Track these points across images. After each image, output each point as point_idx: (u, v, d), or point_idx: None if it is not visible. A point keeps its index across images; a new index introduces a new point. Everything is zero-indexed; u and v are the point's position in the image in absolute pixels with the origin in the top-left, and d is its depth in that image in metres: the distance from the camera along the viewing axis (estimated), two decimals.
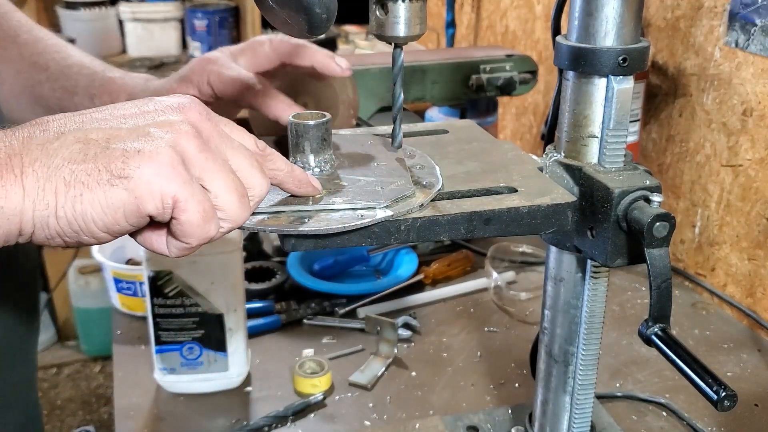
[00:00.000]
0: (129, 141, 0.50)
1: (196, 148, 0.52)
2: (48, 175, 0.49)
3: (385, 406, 1.02)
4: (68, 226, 0.50)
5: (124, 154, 0.49)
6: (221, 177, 0.53)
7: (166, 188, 0.50)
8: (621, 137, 0.68)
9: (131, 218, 0.50)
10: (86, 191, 0.49)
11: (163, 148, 0.50)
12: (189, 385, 1.04)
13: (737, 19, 1.17)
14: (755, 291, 1.22)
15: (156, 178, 0.49)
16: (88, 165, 0.49)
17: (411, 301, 1.27)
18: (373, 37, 1.08)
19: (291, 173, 0.61)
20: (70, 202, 0.49)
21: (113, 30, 3.35)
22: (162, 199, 0.50)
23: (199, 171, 0.52)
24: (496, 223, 0.63)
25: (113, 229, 0.50)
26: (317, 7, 0.59)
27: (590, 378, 0.78)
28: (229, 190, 0.53)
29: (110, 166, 0.49)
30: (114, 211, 0.49)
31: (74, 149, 0.49)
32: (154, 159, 0.50)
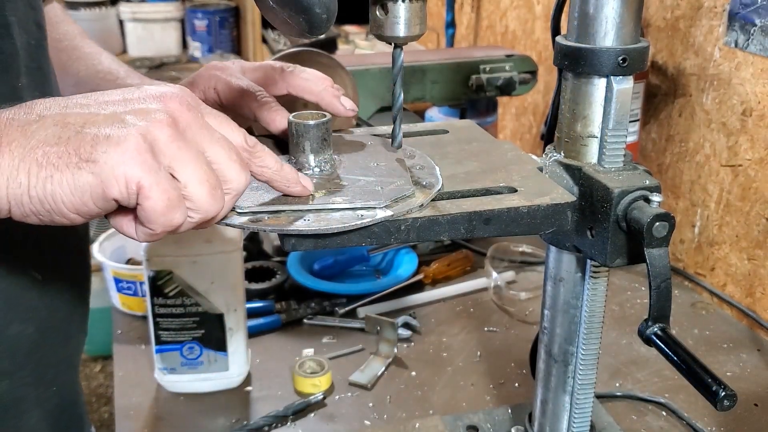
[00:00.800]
0: (103, 126, 0.52)
1: (168, 137, 0.53)
2: (23, 155, 0.51)
3: (385, 405, 1.02)
4: (40, 205, 0.51)
5: (94, 139, 0.51)
6: (192, 167, 0.53)
7: (130, 174, 0.51)
8: (620, 137, 0.68)
9: (98, 201, 0.51)
10: (56, 173, 0.50)
11: (132, 135, 0.51)
12: (189, 384, 1.04)
13: (737, 19, 1.17)
14: (755, 291, 1.22)
15: (121, 165, 0.50)
16: (60, 148, 0.51)
17: (411, 301, 1.27)
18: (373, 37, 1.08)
19: (279, 171, 0.61)
20: (41, 182, 0.51)
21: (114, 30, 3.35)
22: (126, 184, 0.51)
23: (168, 160, 0.53)
24: (496, 223, 0.63)
25: (82, 210, 0.52)
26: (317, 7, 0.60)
27: (590, 378, 0.78)
28: (200, 181, 0.53)
29: (79, 150, 0.51)
30: (81, 193, 0.51)
31: (50, 132, 0.51)
32: (121, 145, 0.51)
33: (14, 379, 0.79)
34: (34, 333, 0.80)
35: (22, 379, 0.79)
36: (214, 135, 0.56)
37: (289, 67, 0.81)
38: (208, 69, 0.84)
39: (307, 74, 0.80)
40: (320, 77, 0.80)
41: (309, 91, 0.78)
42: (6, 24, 0.72)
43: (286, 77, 0.80)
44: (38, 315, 0.80)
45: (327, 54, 1.13)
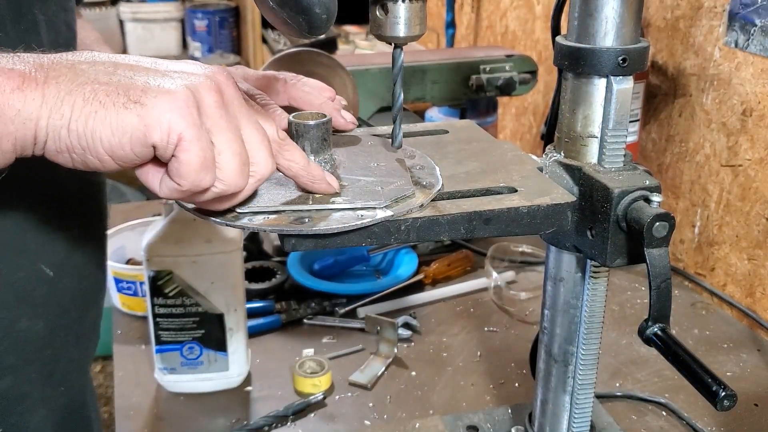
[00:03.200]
0: (153, 77, 0.53)
1: (214, 101, 0.54)
2: (70, 89, 0.51)
3: (385, 405, 1.02)
4: (77, 141, 0.52)
5: (145, 85, 0.52)
6: (229, 138, 0.54)
7: (174, 123, 0.51)
8: (620, 137, 0.68)
9: (136, 146, 0.52)
10: (101, 109, 0.51)
11: (182, 89, 0.53)
12: (189, 384, 1.04)
13: (737, 20, 1.17)
14: (755, 291, 1.22)
15: (168, 112, 0.51)
16: (110, 87, 0.52)
17: (411, 301, 1.27)
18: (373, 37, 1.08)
19: (306, 167, 0.62)
20: (84, 116, 0.51)
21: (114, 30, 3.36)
22: (169, 132, 0.52)
23: (210, 123, 0.54)
24: (496, 223, 0.63)
25: (118, 153, 0.52)
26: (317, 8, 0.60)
27: (590, 378, 0.78)
28: (233, 152, 0.54)
29: (129, 91, 0.51)
30: (122, 134, 0.51)
31: (101, 71, 0.53)
32: (171, 95, 0.52)
33: (20, 375, 0.79)
34: (44, 330, 0.80)
35: (27, 375, 0.79)
36: (251, 117, 0.57)
37: (292, 78, 0.81)
38: None
39: (308, 86, 0.80)
40: (321, 88, 0.80)
41: (309, 104, 0.79)
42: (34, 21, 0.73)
43: (288, 89, 0.80)
44: (48, 312, 0.80)
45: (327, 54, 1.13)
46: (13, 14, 0.71)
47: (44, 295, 0.79)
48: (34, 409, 0.81)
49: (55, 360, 0.83)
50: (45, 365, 0.81)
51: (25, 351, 0.78)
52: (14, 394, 0.79)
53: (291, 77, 0.82)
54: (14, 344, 0.77)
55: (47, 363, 0.81)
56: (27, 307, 0.77)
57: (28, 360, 0.79)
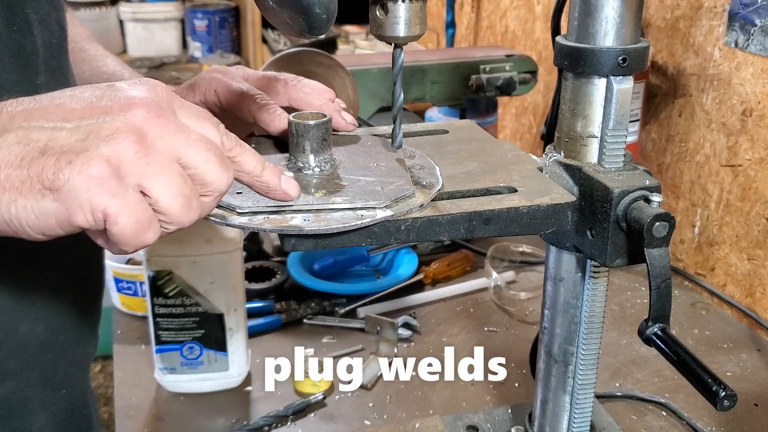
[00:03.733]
0: (66, 147, 0.50)
1: (135, 154, 0.51)
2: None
3: (385, 405, 1.02)
4: (6, 225, 0.51)
5: (56, 165, 0.49)
6: (163, 181, 0.51)
7: (95, 202, 0.49)
8: (620, 137, 0.68)
9: (64, 227, 0.50)
10: (20, 198, 0.49)
11: (95, 160, 0.49)
12: (189, 384, 1.04)
13: (737, 20, 1.17)
14: (755, 291, 1.22)
15: (84, 193, 0.49)
16: (22, 171, 0.49)
17: (411, 300, 1.27)
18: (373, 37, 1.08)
19: (260, 177, 0.59)
20: (5, 205, 0.50)
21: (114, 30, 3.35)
22: (92, 212, 0.49)
23: (137, 178, 0.51)
24: (496, 223, 0.63)
25: (49, 233, 0.51)
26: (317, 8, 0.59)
27: (590, 378, 0.78)
28: (173, 194, 0.52)
29: (41, 175, 0.49)
30: (46, 218, 0.50)
31: (13, 151, 0.50)
32: (84, 172, 0.49)
33: (21, 380, 0.78)
34: (44, 333, 0.79)
35: (29, 379, 0.79)
36: (189, 136, 0.53)
37: (292, 79, 0.81)
38: (209, 72, 0.83)
39: (309, 88, 0.80)
40: (321, 90, 0.80)
41: (309, 105, 0.78)
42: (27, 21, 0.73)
43: (288, 89, 0.80)
44: (49, 315, 0.80)
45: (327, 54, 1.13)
46: (5, 14, 0.70)
47: (44, 299, 0.79)
48: (35, 413, 0.81)
49: (56, 363, 0.82)
50: (46, 369, 0.81)
51: (26, 355, 0.78)
52: (16, 399, 0.78)
53: (291, 78, 0.82)
54: (15, 349, 0.77)
55: (48, 366, 0.81)
56: (27, 311, 0.77)
57: (29, 364, 0.79)
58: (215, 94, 0.81)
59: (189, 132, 0.54)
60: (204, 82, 0.82)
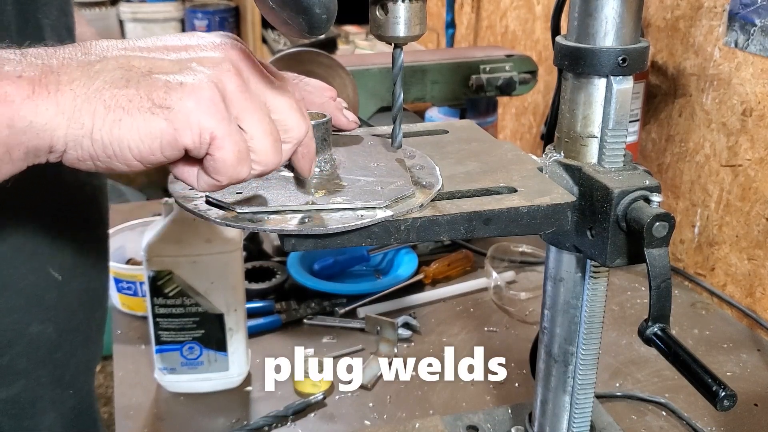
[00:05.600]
0: (172, 73, 0.51)
1: (236, 87, 0.52)
2: (87, 95, 0.49)
3: (385, 405, 1.02)
4: (102, 150, 0.50)
5: (167, 85, 0.50)
6: (258, 119, 0.53)
7: (205, 123, 0.50)
8: (620, 137, 0.68)
9: (167, 150, 0.50)
10: (126, 117, 0.49)
11: (205, 83, 0.51)
12: (189, 384, 1.04)
13: (737, 20, 1.17)
14: (755, 291, 1.22)
15: (196, 112, 0.50)
16: (130, 90, 0.49)
17: (411, 301, 1.27)
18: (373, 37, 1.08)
19: None
20: (108, 125, 0.49)
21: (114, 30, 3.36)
22: (200, 133, 0.50)
23: (237, 110, 0.52)
24: (496, 223, 0.63)
25: (148, 158, 0.50)
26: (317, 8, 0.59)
27: (590, 378, 0.78)
28: (264, 133, 0.53)
29: (152, 94, 0.49)
30: (152, 140, 0.49)
31: (116, 74, 0.50)
32: (196, 93, 0.50)
33: (31, 379, 0.79)
34: (53, 333, 0.80)
35: (39, 379, 0.79)
36: (273, 84, 0.56)
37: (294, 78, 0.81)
38: None
39: (310, 86, 0.80)
40: (323, 88, 0.80)
41: (311, 103, 0.79)
42: (39, 26, 0.73)
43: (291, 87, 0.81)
44: (58, 316, 0.80)
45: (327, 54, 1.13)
46: (18, 20, 0.70)
47: (54, 299, 0.79)
48: (45, 412, 0.81)
49: (65, 363, 0.83)
50: (56, 368, 0.81)
51: (37, 355, 0.78)
52: (26, 398, 0.79)
53: (293, 77, 0.82)
54: (26, 349, 0.77)
55: (58, 366, 0.82)
56: (37, 312, 0.77)
57: (39, 364, 0.79)
58: None
59: (272, 80, 0.56)
60: None
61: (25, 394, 0.78)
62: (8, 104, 0.48)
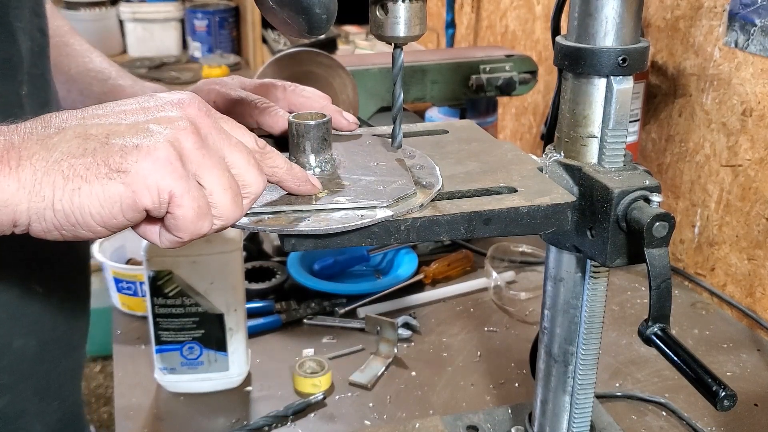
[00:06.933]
0: (128, 136, 0.51)
1: (193, 144, 0.53)
2: (46, 168, 0.49)
3: (385, 405, 1.02)
4: (65, 219, 0.50)
5: (123, 149, 0.50)
6: (217, 175, 0.53)
7: (162, 183, 0.50)
8: (620, 137, 0.68)
9: (128, 212, 0.51)
10: (84, 184, 0.50)
11: (161, 144, 0.51)
12: (189, 384, 1.04)
13: (737, 20, 1.17)
14: (755, 291, 1.22)
15: (153, 173, 0.50)
16: (87, 159, 0.50)
17: (411, 301, 1.27)
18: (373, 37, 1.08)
19: (290, 171, 0.61)
20: (68, 194, 0.50)
21: (114, 30, 3.35)
22: (159, 193, 0.51)
23: (195, 167, 0.53)
24: (496, 223, 0.63)
25: (110, 223, 0.51)
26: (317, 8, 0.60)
27: (590, 378, 0.78)
28: (224, 188, 0.54)
29: (108, 160, 0.50)
30: (111, 204, 0.50)
31: (73, 144, 0.50)
32: (152, 154, 0.50)
33: (16, 393, 0.78)
34: (37, 346, 0.79)
35: (23, 392, 0.79)
36: (231, 140, 0.56)
37: (290, 85, 0.82)
38: (206, 83, 0.84)
39: (307, 92, 0.81)
40: (319, 96, 0.81)
41: (310, 108, 0.79)
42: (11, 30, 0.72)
43: (288, 95, 0.81)
44: (41, 328, 0.80)
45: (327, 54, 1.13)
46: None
47: (36, 312, 0.79)
48: (31, 425, 0.81)
49: (49, 374, 0.82)
50: (40, 380, 0.81)
51: (21, 369, 0.78)
52: (12, 412, 0.78)
53: (289, 84, 0.82)
54: (10, 363, 0.77)
55: (42, 378, 0.81)
56: (20, 326, 0.77)
57: (23, 377, 0.79)
58: (214, 104, 0.82)
59: (230, 136, 0.57)
60: (202, 93, 0.82)
61: (11, 409, 0.78)
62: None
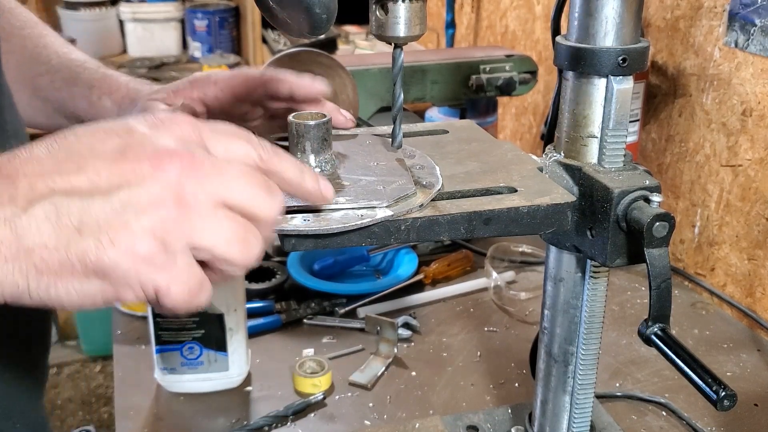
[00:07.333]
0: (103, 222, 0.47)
1: (178, 216, 0.48)
2: (16, 256, 0.46)
3: (385, 405, 1.02)
4: (44, 304, 0.48)
5: (98, 247, 0.47)
6: (212, 232, 0.49)
7: (145, 279, 0.47)
8: (620, 137, 0.68)
9: (111, 302, 0.49)
10: (60, 281, 0.47)
11: (139, 236, 0.47)
12: (189, 384, 1.04)
13: (737, 20, 1.17)
14: (755, 291, 1.22)
15: (133, 272, 0.47)
16: (60, 254, 0.46)
17: (411, 301, 1.27)
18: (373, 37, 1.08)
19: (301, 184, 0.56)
20: (44, 287, 0.47)
21: (114, 30, 3.35)
22: (142, 289, 0.48)
23: (185, 240, 0.49)
24: (496, 223, 0.63)
25: (92, 307, 0.49)
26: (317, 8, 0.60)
27: (590, 378, 0.78)
28: (226, 241, 0.50)
29: (84, 258, 0.47)
30: (91, 297, 0.48)
31: (45, 230, 0.46)
32: (130, 252, 0.47)
33: None
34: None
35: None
36: (228, 175, 0.50)
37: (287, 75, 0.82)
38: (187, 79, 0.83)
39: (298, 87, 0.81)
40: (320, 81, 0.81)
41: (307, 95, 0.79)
42: None
43: None
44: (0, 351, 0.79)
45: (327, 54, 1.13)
46: None
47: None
48: None
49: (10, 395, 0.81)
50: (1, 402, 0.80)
51: None
52: None
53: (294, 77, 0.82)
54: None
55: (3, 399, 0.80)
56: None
57: None
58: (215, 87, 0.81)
59: (226, 169, 0.51)
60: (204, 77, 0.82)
61: None
62: None
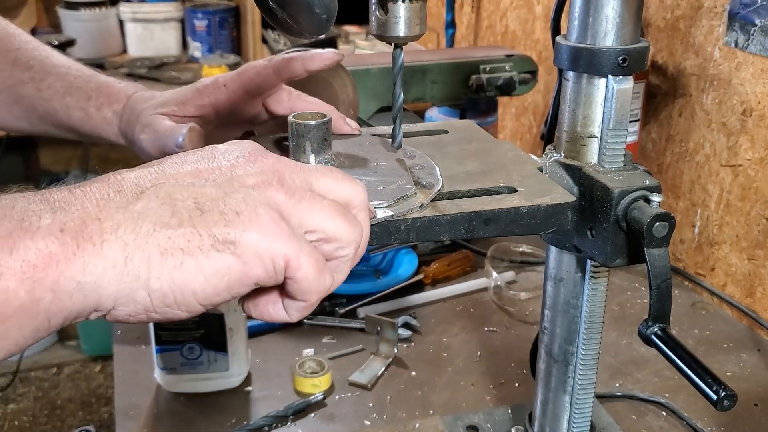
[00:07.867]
0: (220, 202, 0.47)
1: (285, 196, 0.49)
2: (137, 242, 0.43)
3: (385, 405, 1.02)
4: (161, 300, 0.45)
5: (224, 218, 0.46)
6: (317, 211, 0.50)
7: (274, 249, 0.46)
8: (621, 137, 0.68)
9: (235, 287, 0.47)
10: (188, 258, 0.44)
11: (260, 206, 0.47)
12: (189, 384, 1.04)
13: (737, 20, 1.17)
14: (755, 291, 1.22)
15: (263, 241, 0.46)
16: (185, 229, 0.45)
17: (411, 301, 1.27)
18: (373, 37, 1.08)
19: None
20: (168, 271, 0.44)
21: (113, 30, 3.35)
22: (273, 261, 0.47)
23: (297, 218, 0.49)
24: (496, 223, 0.63)
25: (212, 300, 0.47)
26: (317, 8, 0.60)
27: (590, 378, 0.78)
28: (332, 216, 0.50)
29: (213, 230, 0.45)
30: (219, 279, 0.46)
31: (164, 212, 0.45)
32: (256, 221, 0.46)
33: None
34: None
35: None
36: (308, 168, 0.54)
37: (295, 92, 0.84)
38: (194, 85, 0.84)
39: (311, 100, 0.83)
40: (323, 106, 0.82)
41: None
42: None
43: (293, 99, 0.82)
44: None
45: None
46: None
47: None
48: None
49: None
50: None
51: None
52: None
53: (294, 90, 0.83)
54: None
55: None
56: None
57: None
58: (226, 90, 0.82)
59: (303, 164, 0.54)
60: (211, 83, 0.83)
61: None
62: (53, 265, 0.41)
